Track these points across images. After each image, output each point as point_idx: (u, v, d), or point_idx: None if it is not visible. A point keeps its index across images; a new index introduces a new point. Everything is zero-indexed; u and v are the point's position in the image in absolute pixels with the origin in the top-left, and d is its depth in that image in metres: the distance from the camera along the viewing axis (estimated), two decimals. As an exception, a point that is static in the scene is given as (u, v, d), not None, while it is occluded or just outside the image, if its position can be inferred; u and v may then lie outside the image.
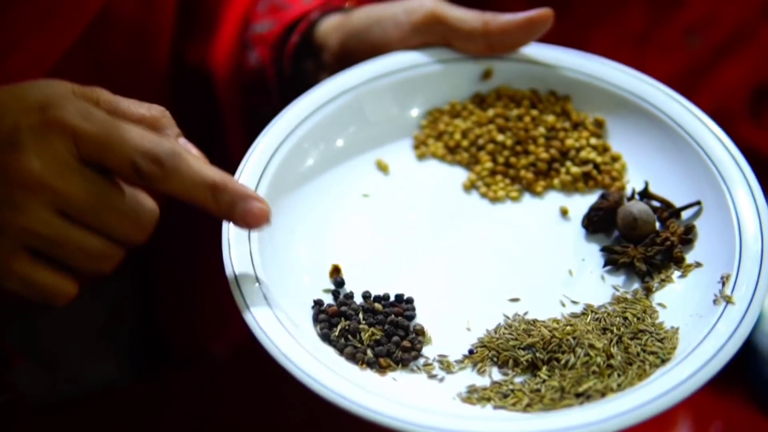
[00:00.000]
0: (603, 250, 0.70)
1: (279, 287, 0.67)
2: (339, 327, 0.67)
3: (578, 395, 0.62)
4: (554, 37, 1.16)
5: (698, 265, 0.68)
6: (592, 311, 0.67)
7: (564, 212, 0.74)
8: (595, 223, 0.72)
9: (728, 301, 0.64)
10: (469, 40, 0.78)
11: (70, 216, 0.61)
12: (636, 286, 0.69)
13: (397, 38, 0.79)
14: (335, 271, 0.71)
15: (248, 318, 0.64)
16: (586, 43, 1.16)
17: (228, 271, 0.66)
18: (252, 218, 0.63)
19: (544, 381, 0.63)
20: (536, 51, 0.79)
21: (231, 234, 0.67)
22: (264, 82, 0.87)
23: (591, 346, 0.64)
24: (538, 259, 0.72)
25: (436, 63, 0.79)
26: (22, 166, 0.59)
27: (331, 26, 0.83)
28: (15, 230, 0.60)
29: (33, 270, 0.62)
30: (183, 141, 0.65)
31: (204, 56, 0.91)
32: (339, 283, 0.70)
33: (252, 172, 0.72)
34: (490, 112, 0.79)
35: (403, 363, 0.66)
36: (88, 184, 0.61)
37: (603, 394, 0.62)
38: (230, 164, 0.70)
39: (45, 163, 0.60)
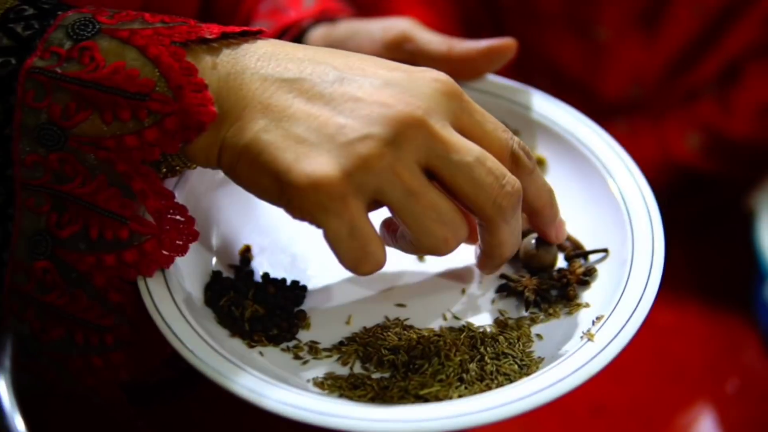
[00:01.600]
0: (501, 276, 0.72)
1: (186, 258, 0.68)
2: (226, 297, 0.69)
3: (417, 397, 0.64)
4: (565, 12, 1.18)
5: (586, 305, 0.69)
6: (468, 329, 0.69)
7: None
8: None
9: (589, 338, 0.64)
10: (434, 62, 0.78)
11: (435, 173, 0.62)
12: (524, 314, 0.70)
13: (368, 52, 0.80)
14: (245, 251, 0.73)
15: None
16: (597, 14, 1.18)
17: None
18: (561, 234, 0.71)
19: (396, 381, 0.65)
20: (493, 83, 0.81)
21: None
22: None
23: (447, 357, 0.66)
24: (438, 274, 0.73)
25: None
26: (416, 105, 0.61)
27: (317, 35, 0.85)
28: (381, 167, 0.61)
29: (366, 219, 0.62)
30: None
31: None
32: (245, 261, 0.73)
33: None
34: None
35: (275, 342, 0.68)
36: (468, 143, 0.63)
37: (440, 401, 0.63)
38: None
39: (432, 109, 0.62)
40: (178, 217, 0.66)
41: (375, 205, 0.63)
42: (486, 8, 1.24)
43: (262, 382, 0.62)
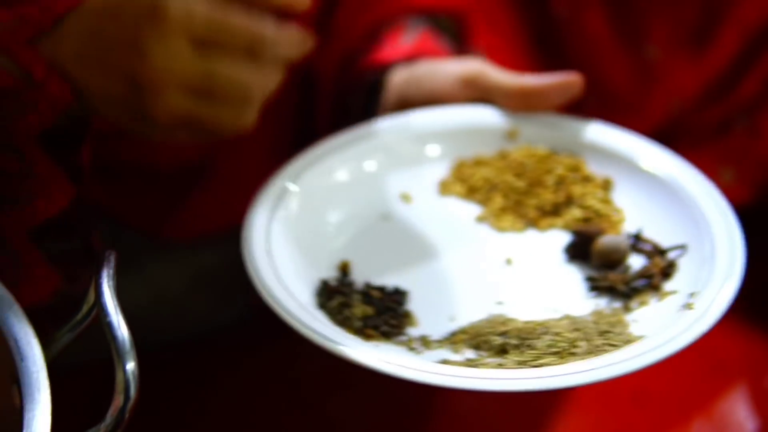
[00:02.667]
0: (587, 279, 0.77)
1: (290, 270, 0.76)
2: (336, 300, 0.75)
3: (535, 368, 0.68)
4: (615, 30, 1.21)
5: (674, 292, 0.74)
6: (568, 318, 0.73)
7: (567, 250, 0.81)
8: (574, 246, 0.80)
9: (688, 307, 0.70)
10: (507, 97, 0.87)
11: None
12: (616, 305, 0.75)
13: (446, 89, 0.88)
14: (344, 267, 0.79)
15: (258, 286, 0.73)
16: (646, 32, 1.21)
17: (246, 251, 0.76)
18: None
19: (510, 360, 0.69)
20: (558, 117, 0.88)
21: (256, 216, 0.78)
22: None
23: (557, 333, 0.70)
24: (530, 275, 0.79)
25: (470, 120, 0.89)
26: (147, 67, 0.69)
27: (399, 74, 0.92)
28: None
29: (194, 104, 0.71)
30: None
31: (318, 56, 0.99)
32: (345, 274, 0.79)
33: (291, 172, 0.83)
34: (510, 161, 0.87)
35: (387, 336, 0.73)
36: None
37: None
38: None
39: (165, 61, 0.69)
40: None
41: None
42: (541, 27, 1.28)
43: (399, 357, 0.68)
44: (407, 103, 0.91)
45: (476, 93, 0.89)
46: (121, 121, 0.74)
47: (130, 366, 0.61)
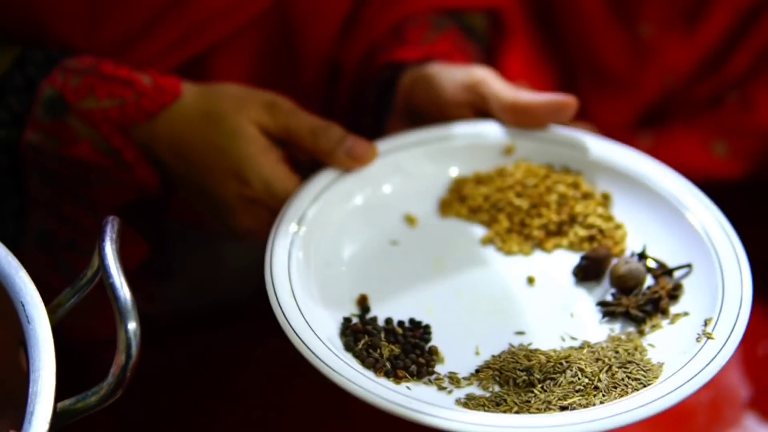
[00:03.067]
0: (599, 304, 0.78)
1: (309, 307, 0.76)
2: (362, 341, 0.75)
3: (562, 408, 0.69)
4: (609, 8, 1.22)
5: (686, 314, 0.75)
6: (588, 346, 0.75)
7: (576, 274, 0.82)
8: (584, 269, 0.80)
9: (708, 337, 0.71)
10: (501, 109, 0.88)
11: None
12: (630, 329, 0.76)
13: (449, 91, 0.90)
14: (362, 300, 0.80)
15: (286, 328, 0.73)
16: (640, 10, 1.22)
17: (269, 290, 0.76)
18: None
19: (536, 395, 0.70)
20: (554, 132, 0.88)
21: (273, 254, 0.78)
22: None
23: (580, 369, 0.71)
24: (542, 301, 0.80)
25: (466, 137, 0.89)
26: (238, 225, 0.86)
27: (410, 72, 0.94)
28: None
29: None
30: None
31: (344, 49, 1.02)
32: (365, 309, 0.79)
33: (303, 200, 0.83)
34: (510, 180, 0.87)
35: (418, 376, 0.73)
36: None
37: (585, 408, 0.69)
38: None
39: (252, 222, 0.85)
40: None
41: None
42: (537, 5, 1.29)
43: (423, 405, 0.68)
44: (413, 103, 0.93)
45: (475, 99, 0.90)
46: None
47: (132, 326, 0.63)
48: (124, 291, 0.64)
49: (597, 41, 1.26)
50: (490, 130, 0.89)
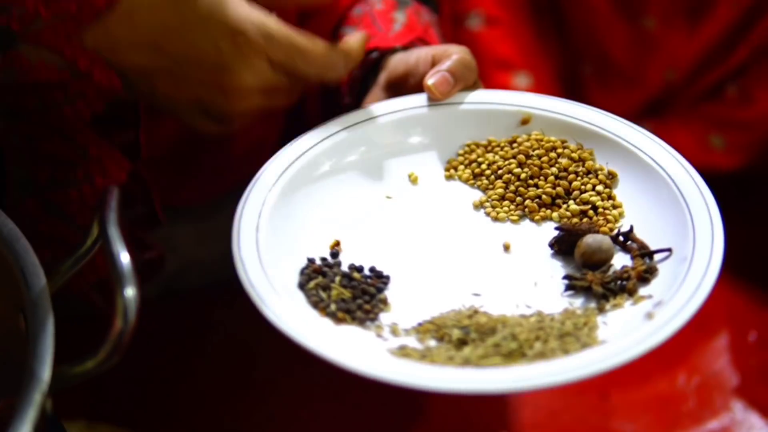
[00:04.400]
0: (564, 278, 0.77)
1: (281, 248, 0.77)
2: (315, 281, 0.76)
3: (478, 367, 0.69)
4: (615, 1, 1.23)
5: (650, 297, 0.74)
6: (538, 315, 0.74)
7: (552, 245, 0.81)
8: (558, 241, 0.80)
9: (650, 317, 0.70)
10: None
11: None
12: (591, 305, 0.75)
13: (421, 58, 0.91)
14: (335, 245, 0.81)
15: (236, 259, 0.75)
16: (645, 4, 1.23)
17: (235, 226, 0.78)
18: None
19: (460, 353, 0.71)
20: (572, 107, 0.88)
21: (247, 204, 0.80)
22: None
23: (513, 334, 0.71)
24: (513, 269, 0.80)
25: (483, 104, 0.90)
26: (242, 84, 0.79)
27: (395, 59, 0.94)
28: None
29: (266, 100, 0.82)
30: None
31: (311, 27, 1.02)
32: (334, 254, 0.80)
33: (277, 166, 0.84)
34: (516, 149, 0.87)
35: (359, 321, 0.74)
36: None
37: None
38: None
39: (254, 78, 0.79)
40: None
41: None
42: None
43: (341, 345, 0.69)
44: (390, 76, 0.93)
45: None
46: (185, 116, 0.83)
47: (130, 292, 0.64)
48: (123, 259, 0.66)
49: (601, 33, 1.26)
50: (508, 99, 0.90)
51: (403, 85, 0.91)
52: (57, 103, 0.79)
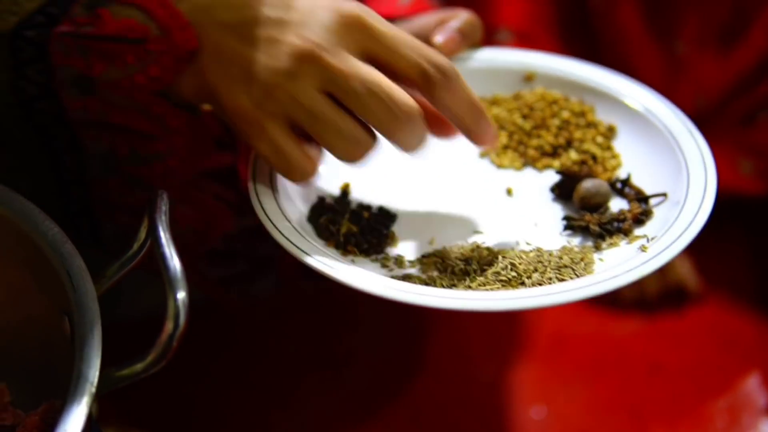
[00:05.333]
0: (563, 218, 0.80)
1: (293, 188, 0.80)
2: (325, 216, 0.79)
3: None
4: (646, 24, 1.23)
5: (644, 236, 0.77)
6: (537, 251, 0.77)
7: (553, 190, 0.85)
8: (559, 185, 0.83)
9: (643, 250, 0.73)
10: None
11: (333, 98, 0.72)
12: (588, 244, 0.78)
13: (424, 24, 0.91)
14: (345, 187, 0.84)
15: (251, 192, 0.77)
16: (677, 28, 1.23)
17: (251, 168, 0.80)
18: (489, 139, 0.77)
19: (462, 281, 0.74)
20: (576, 66, 0.91)
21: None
22: None
23: (512, 264, 0.75)
24: (514, 209, 0.83)
25: (488, 61, 0.92)
26: (305, 37, 0.72)
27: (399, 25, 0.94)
28: (284, 96, 0.72)
29: (286, 139, 0.74)
30: None
31: None
32: (344, 194, 0.83)
33: None
34: (521, 103, 0.90)
35: (365, 253, 0.78)
36: (360, 70, 0.71)
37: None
38: None
39: (329, 42, 0.72)
40: None
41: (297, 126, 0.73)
42: (576, 17, 1.29)
43: (349, 269, 0.72)
44: None
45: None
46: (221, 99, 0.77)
47: (181, 295, 0.65)
48: (174, 262, 0.66)
49: (632, 54, 1.27)
50: (513, 57, 0.93)
51: None
52: (129, 68, 0.76)
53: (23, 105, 0.78)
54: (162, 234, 0.67)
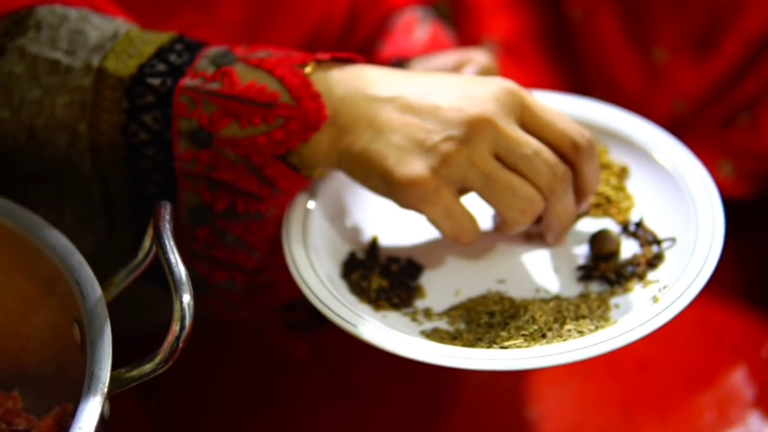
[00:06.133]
0: (579, 268, 0.83)
1: (326, 243, 0.83)
2: (358, 272, 0.82)
3: (503, 348, 0.75)
4: (625, 32, 1.26)
5: (657, 281, 0.80)
6: (557, 299, 0.80)
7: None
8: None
9: (655, 301, 0.76)
10: None
11: (503, 161, 0.76)
12: (604, 290, 0.81)
13: (441, 63, 0.95)
14: (373, 241, 0.86)
15: (286, 255, 0.80)
16: (655, 35, 1.26)
17: (284, 224, 0.82)
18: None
19: (487, 335, 0.77)
20: (588, 106, 0.93)
21: (294, 207, 0.83)
22: None
23: (533, 317, 0.77)
24: (534, 257, 0.85)
25: None
26: (485, 108, 0.76)
27: (417, 62, 0.98)
28: (462, 161, 0.75)
29: (458, 203, 0.77)
30: None
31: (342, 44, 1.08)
32: (374, 247, 0.85)
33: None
34: None
35: (396, 308, 0.80)
36: (527, 137, 0.76)
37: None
38: None
39: (498, 110, 0.76)
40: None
41: (464, 190, 0.78)
42: (558, 21, 1.33)
43: (379, 330, 0.75)
44: None
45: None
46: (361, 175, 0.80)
47: (186, 298, 0.68)
48: (179, 267, 0.69)
49: (611, 62, 1.29)
50: None
51: None
52: (253, 129, 0.78)
53: (130, 148, 0.80)
54: (167, 241, 0.70)
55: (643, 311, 0.75)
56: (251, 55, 0.79)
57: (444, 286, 0.83)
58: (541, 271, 0.84)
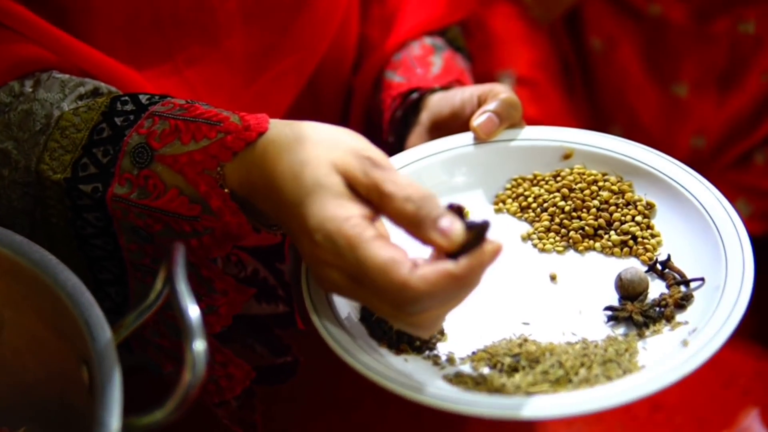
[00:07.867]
0: (606, 309, 0.81)
1: None
2: (377, 315, 0.80)
3: (528, 394, 0.73)
4: (648, 67, 1.24)
5: (686, 323, 0.78)
6: (583, 342, 0.78)
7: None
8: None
9: (684, 345, 0.74)
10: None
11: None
12: (632, 332, 0.79)
13: (465, 98, 0.94)
14: None
15: (306, 300, 0.79)
16: (676, 71, 1.26)
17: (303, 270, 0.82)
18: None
19: (512, 380, 0.75)
20: (613, 142, 0.91)
21: None
22: (378, 117, 1.03)
23: (559, 362, 0.75)
24: (560, 298, 0.83)
25: (527, 140, 0.93)
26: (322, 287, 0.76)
27: (436, 98, 0.98)
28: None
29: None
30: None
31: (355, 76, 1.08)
32: None
33: None
34: (561, 183, 0.91)
35: (418, 351, 0.79)
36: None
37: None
38: None
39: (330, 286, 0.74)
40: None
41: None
42: (577, 53, 1.32)
43: (400, 380, 0.73)
44: (436, 115, 0.97)
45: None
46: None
47: (198, 345, 0.66)
48: (191, 312, 0.68)
49: (632, 97, 1.29)
50: (552, 135, 0.93)
51: (449, 126, 0.95)
52: (184, 233, 0.78)
53: (81, 238, 0.82)
54: (179, 285, 0.69)
55: (672, 355, 0.74)
56: (167, 148, 0.78)
57: (468, 329, 0.81)
58: (566, 312, 0.82)
